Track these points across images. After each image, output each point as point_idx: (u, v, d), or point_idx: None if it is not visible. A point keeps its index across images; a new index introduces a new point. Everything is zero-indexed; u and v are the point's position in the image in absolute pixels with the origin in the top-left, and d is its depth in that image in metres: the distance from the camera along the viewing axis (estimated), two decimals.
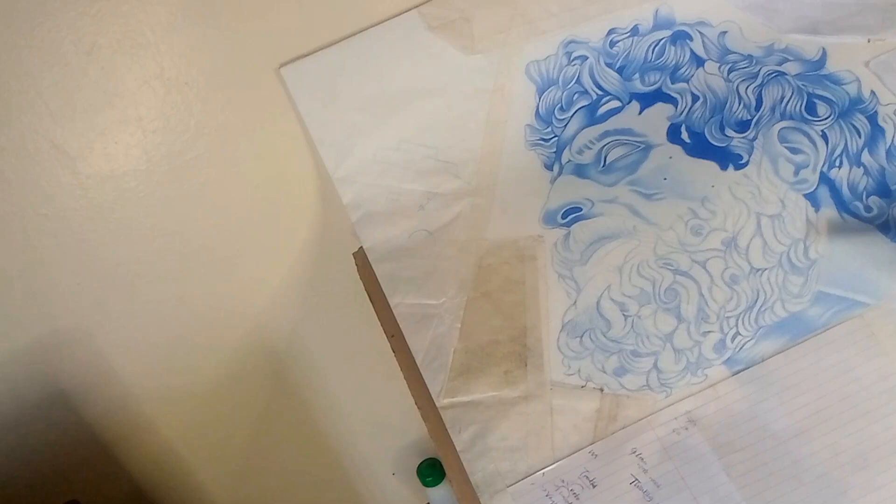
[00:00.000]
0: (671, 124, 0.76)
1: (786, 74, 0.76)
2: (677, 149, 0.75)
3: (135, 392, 0.86)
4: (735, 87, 0.76)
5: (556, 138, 0.76)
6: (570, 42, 0.75)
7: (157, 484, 0.95)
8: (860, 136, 0.74)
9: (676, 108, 0.76)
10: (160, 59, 0.70)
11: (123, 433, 0.88)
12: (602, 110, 0.76)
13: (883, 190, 0.73)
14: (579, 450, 0.69)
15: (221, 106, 0.73)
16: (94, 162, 0.72)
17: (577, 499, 0.67)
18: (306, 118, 0.75)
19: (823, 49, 0.75)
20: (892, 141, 0.73)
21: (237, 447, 0.96)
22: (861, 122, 0.74)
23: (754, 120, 0.75)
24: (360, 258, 0.78)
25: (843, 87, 0.75)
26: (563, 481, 0.68)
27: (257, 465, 1.00)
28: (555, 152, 0.76)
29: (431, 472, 0.90)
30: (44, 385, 0.82)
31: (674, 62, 0.76)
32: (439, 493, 0.91)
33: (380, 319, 0.75)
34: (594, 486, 0.67)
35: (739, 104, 0.75)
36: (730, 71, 0.76)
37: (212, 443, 0.94)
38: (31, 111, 0.69)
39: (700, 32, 0.76)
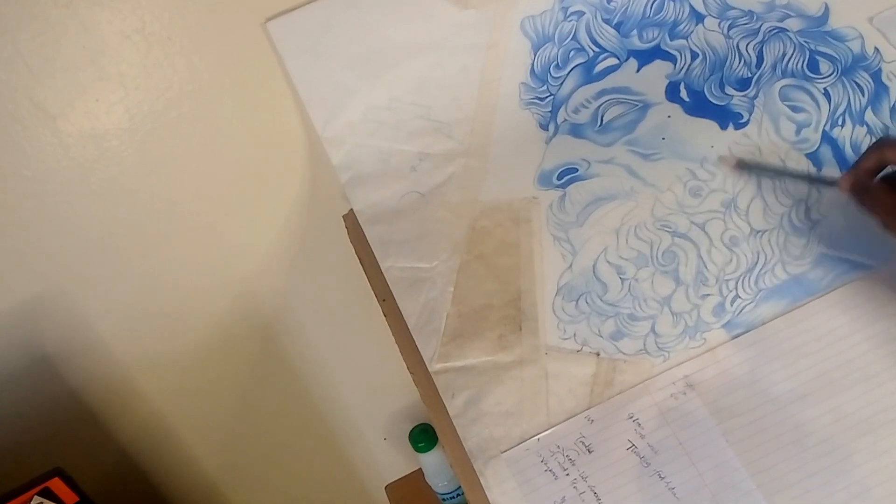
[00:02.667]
0: (670, 82, 0.74)
1: (787, 31, 0.74)
2: (676, 107, 0.74)
3: (121, 358, 0.85)
4: (735, 44, 0.74)
5: (552, 97, 0.75)
6: None
7: (144, 451, 0.94)
8: (863, 94, 0.73)
9: (675, 65, 0.74)
10: (141, 12, 0.68)
11: (110, 400, 0.87)
12: (599, 68, 0.74)
13: None
14: (575, 415, 0.67)
15: (206, 62, 0.71)
16: (75, 120, 0.70)
17: (573, 464, 0.66)
18: (294, 76, 0.73)
19: (826, 4, 0.74)
20: None
21: (226, 413, 0.96)
22: (864, 79, 0.73)
23: (755, 78, 0.74)
24: (351, 221, 0.76)
25: (846, 43, 0.74)
26: (558, 447, 0.66)
27: (246, 431, 0.99)
28: (550, 111, 0.75)
29: (424, 437, 0.89)
30: (27, 350, 0.81)
31: (672, 18, 0.74)
32: (431, 458, 0.90)
33: (371, 283, 0.74)
34: (590, 452, 0.66)
35: (740, 61, 0.74)
36: (730, 27, 0.74)
37: (200, 409, 0.94)
38: (9, 67, 0.67)
39: None
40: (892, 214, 0.61)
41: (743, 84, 0.73)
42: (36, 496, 0.71)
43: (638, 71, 0.74)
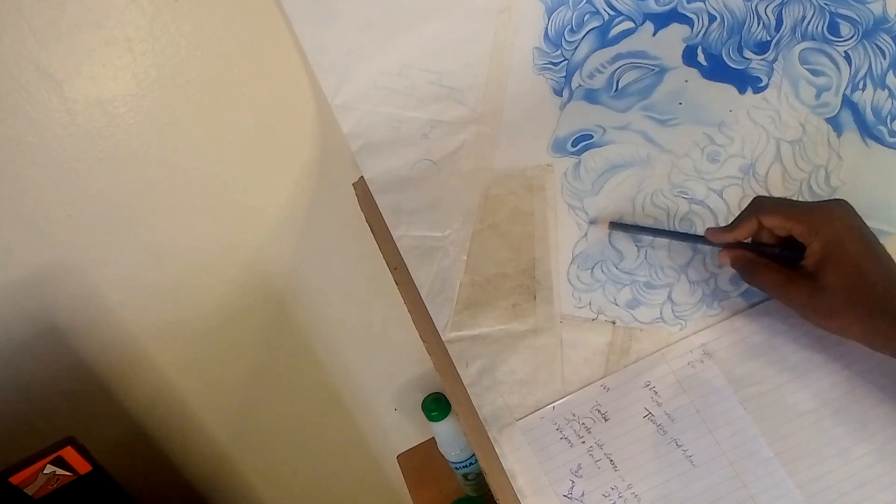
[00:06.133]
0: (687, 46, 0.73)
1: None
2: (693, 72, 0.72)
3: (131, 328, 0.84)
4: (754, 7, 0.72)
5: (566, 62, 0.73)
6: None
7: (155, 421, 0.94)
8: (885, 58, 0.72)
9: (692, 28, 0.73)
10: None
11: (120, 369, 0.87)
12: (614, 32, 0.73)
13: None
14: (591, 383, 0.67)
15: (213, 26, 0.70)
16: (82, 86, 0.69)
17: (589, 432, 0.65)
18: (303, 41, 0.71)
19: None
20: None
21: (237, 383, 0.96)
22: (886, 42, 0.72)
23: (774, 41, 0.72)
24: (361, 189, 0.75)
25: (868, 5, 0.72)
26: (574, 415, 0.66)
27: (257, 400, 0.99)
28: (564, 77, 0.73)
29: (436, 406, 0.89)
30: (36, 321, 0.80)
31: None
32: (444, 427, 0.90)
33: (382, 252, 0.73)
34: (606, 420, 0.65)
35: (758, 24, 0.72)
36: None
37: (211, 379, 0.93)
38: (14, 31, 0.65)
39: None
40: (782, 290, 0.61)
41: (762, 47, 0.72)
42: (49, 465, 0.71)
43: (654, 34, 0.73)
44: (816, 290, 0.58)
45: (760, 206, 0.62)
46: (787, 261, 0.61)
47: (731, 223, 0.63)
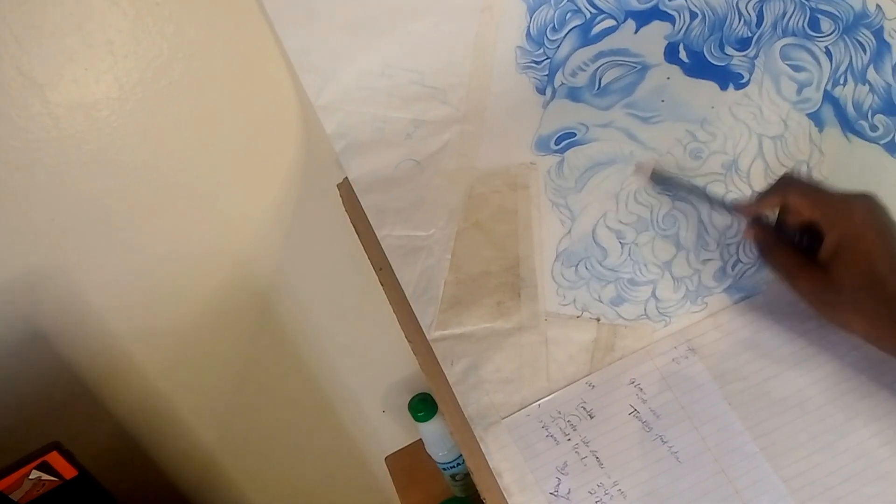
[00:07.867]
0: (669, 43, 0.73)
1: None
2: (675, 69, 0.73)
3: (116, 331, 0.84)
4: (735, 3, 0.73)
5: (549, 60, 0.73)
6: None
7: (141, 425, 0.94)
8: (865, 53, 0.72)
9: (674, 26, 0.73)
10: None
11: (105, 373, 0.87)
12: (596, 30, 0.73)
13: (889, 108, 0.71)
14: (576, 381, 0.67)
15: (196, 28, 0.70)
16: (64, 89, 0.69)
17: (575, 430, 0.65)
18: (285, 41, 0.71)
19: None
20: None
21: (222, 386, 0.95)
22: (866, 37, 0.72)
23: (755, 37, 0.72)
24: (345, 190, 0.75)
25: (847, 1, 0.73)
26: (559, 412, 0.66)
27: (243, 404, 0.99)
28: (547, 75, 0.73)
29: (423, 407, 0.89)
30: (21, 325, 0.80)
31: None
32: (431, 427, 0.90)
33: (367, 252, 0.73)
34: (592, 417, 0.65)
35: (740, 21, 0.72)
36: None
37: (197, 382, 0.93)
38: None
39: None
40: (791, 275, 0.61)
41: (743, 44, 0.72)
42: (34, 470, 0.71)
43: (636, 32, 0.73)
44: (825, 283, 0.58)
45: (789, 185, 0.62)
46: (806, 249, 0.61)
47: (759, 196, 0.64)
